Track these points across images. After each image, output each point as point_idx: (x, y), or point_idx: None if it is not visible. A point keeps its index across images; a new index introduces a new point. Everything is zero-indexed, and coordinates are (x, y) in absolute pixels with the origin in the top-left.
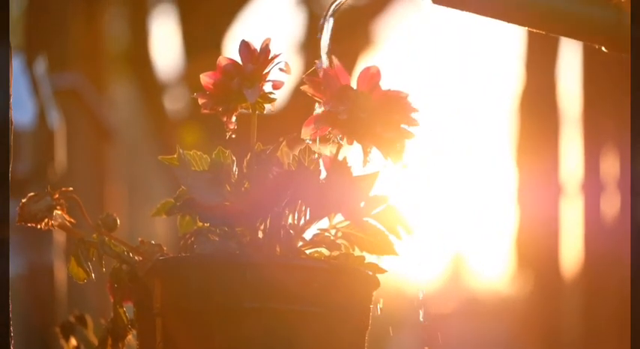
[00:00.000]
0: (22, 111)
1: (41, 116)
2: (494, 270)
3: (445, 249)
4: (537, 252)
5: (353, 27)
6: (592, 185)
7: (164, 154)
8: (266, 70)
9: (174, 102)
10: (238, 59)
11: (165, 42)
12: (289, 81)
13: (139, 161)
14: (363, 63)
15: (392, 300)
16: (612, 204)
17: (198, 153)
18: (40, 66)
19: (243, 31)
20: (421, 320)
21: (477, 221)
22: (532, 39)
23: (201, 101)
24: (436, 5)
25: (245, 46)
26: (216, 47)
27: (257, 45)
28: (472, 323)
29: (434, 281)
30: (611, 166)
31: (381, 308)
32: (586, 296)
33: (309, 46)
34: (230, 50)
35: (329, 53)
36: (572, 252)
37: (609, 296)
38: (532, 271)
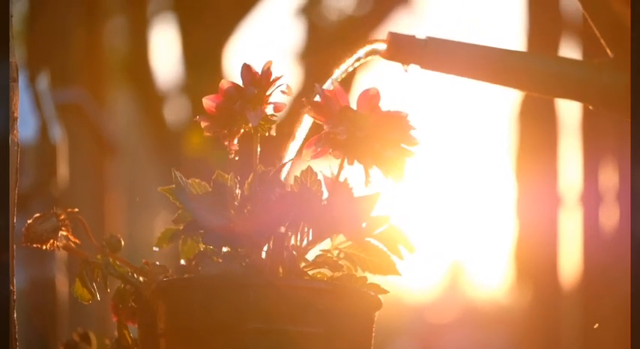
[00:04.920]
0: (24, 126)
1: (43, 131)
2: (493, 280)
3: (444, 259)
4: (536, 263)
5: (352, 38)
6: (591, 196)
7: (167, 167)
8: (268, 93)
9: (176, 114)
10: (239, 81)
11: (166, 54)
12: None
13: (142, 174)
14: (360, 75)
15: (391, 309)
16: (611, 215)
17: (197, 180)
18: (42, 81)
19: (243, 41)
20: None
21: (476, 231)
22: (531, 47)
23: (204, 124)
24: (425, 70)
25: (247, 69)
26: (217, 58)
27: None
28: (470, 333)
29: (433, 290)
30: (610, 177)
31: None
32: (584, 307)
33: (309, 55)
34: (230, 61)
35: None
36: (570, 262)
37: (607, 306)
38: (531, 281)
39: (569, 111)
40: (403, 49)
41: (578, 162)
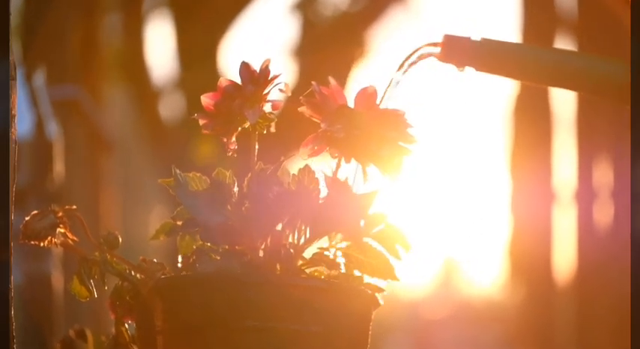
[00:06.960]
0: (20, 123)
1: (39, 127)
2: (487, 277)
3: (438, 255)
4: (530, 259)
5: (348, 35)
6: (585, 192)
7: (163, 163)
8: (266, 91)
9: (171, 111)
10: (237, 78)
11: (162, 51)
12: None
13: (138, 171)
14: (356, 72)
15: (385, 305)
16: (606, 212)
17: (198, 174)
18: (38, 77)
19: (239, 37)
20: None
21: (470, 227)
22: (525, 43)
23: (202, 122)
24: (480, 72)
25: (245, 67)
26: (212, 55)
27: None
28: (464, 329)
29: (427, 287)
30: (605, 174)
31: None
32: (578, 303)
33: (304, 52)
34: (226, 58)
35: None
36: (564, 259)
37: (602, 303)
38: (525, 278)
39: (564, 108)
40: (459, 51)
41: (573, 159)
